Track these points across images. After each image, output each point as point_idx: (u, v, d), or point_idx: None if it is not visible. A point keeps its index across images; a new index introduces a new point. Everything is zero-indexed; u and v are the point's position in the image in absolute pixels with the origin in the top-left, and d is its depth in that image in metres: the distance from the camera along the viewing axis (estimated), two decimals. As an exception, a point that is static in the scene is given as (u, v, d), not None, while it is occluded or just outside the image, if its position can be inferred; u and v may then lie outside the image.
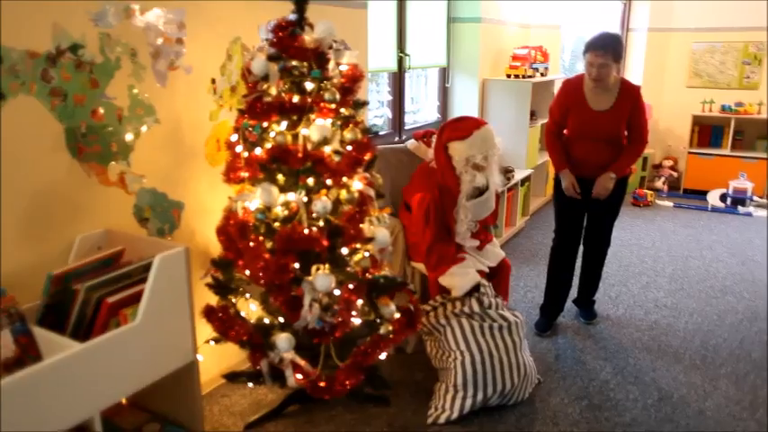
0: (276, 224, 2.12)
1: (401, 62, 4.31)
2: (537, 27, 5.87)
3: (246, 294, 2.30)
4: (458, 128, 2.85)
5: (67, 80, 1.93)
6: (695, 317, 3.57)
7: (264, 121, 2.12)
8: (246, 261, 2.11)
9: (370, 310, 2.29)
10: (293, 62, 2.11)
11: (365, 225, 2.20)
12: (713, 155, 6.45)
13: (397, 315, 2.30)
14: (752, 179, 6.01)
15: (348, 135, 2.16)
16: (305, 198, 2.12)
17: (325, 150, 2.11)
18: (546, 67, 5.40)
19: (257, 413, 2.54)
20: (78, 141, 2.00)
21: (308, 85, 2.12)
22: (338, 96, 2.11)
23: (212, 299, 2.29)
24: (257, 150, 2.13)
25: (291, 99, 2.10)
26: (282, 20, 2.13)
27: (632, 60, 7.02)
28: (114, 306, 1.82)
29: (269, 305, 2.24)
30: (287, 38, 2.09)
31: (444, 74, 5.05)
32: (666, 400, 2.72)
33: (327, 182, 2.12)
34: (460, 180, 2.80)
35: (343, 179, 2.14)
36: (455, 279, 2.73)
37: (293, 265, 2.07)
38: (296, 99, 2.10)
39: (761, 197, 6.07)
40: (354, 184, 2.18)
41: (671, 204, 6.19)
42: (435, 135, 3.01)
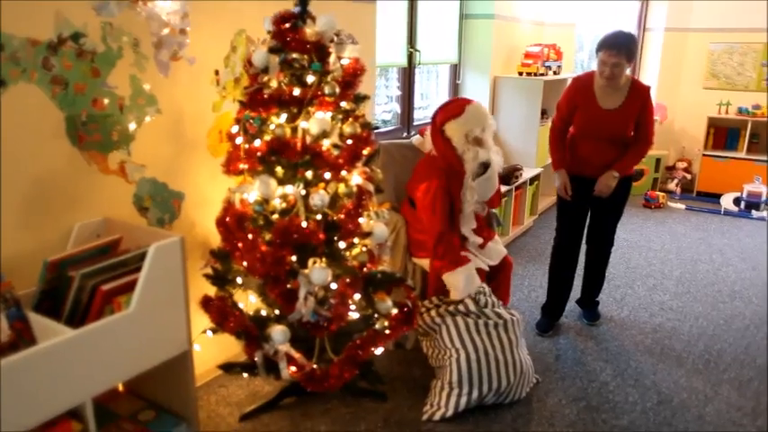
0: (274, 216, 2.12)
1: (411, 57, 4.30)
2: (551, 25, 5.82)
3: (242, 285, 2.31)
4: (449, 109, 2.85)
5: (68, 68, 1.95)
6: (701, 321, 3.52)
7: (264, 113, 2.12)
8: (243, 252, 2.12)
9: (366, 304, 2.29)
10: (294, 55, 2.10)
11: (363, 219, 2.20)
12: (728, 158, 6.35)
13: (395, 311, 2.29)
14: (767, 183, 5.91)
15: (347, 129, 2.15)
16: (303, 191, 2.12)
17: (324, 144, 2.11)
18: (559, 66, 5.35)
19: (253, 404, 2.55)
20: (79, 130, 2.02)
21: (308, 78, 2.11)
22: (338, 90, 2.10)
23: (210, 290, 2.30)
24: (256, 142, 2.13)
25: (291, 92, 2.10)
26: (285, 12, 2.12)
27: (648, 60, 6.92)
28: (109, 294, 1.83)
29: (267, 297, 2.25)
30: (288, 30, 2.08)
31: (455, 70, 5.03)
32: (666, 403, 2.69)
33: (326, 175, 2.12)
34: (463, 160, 2.78)
35: (342, 173, 2.13)
36: (459, 281, 2.69)
37: (290, 258, 2.08)
38: (296, 92, 2.10)
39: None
40: (353, 178, 2.18)
41: (683, 207, 6.11)
42: (429, 126, 2.98)
